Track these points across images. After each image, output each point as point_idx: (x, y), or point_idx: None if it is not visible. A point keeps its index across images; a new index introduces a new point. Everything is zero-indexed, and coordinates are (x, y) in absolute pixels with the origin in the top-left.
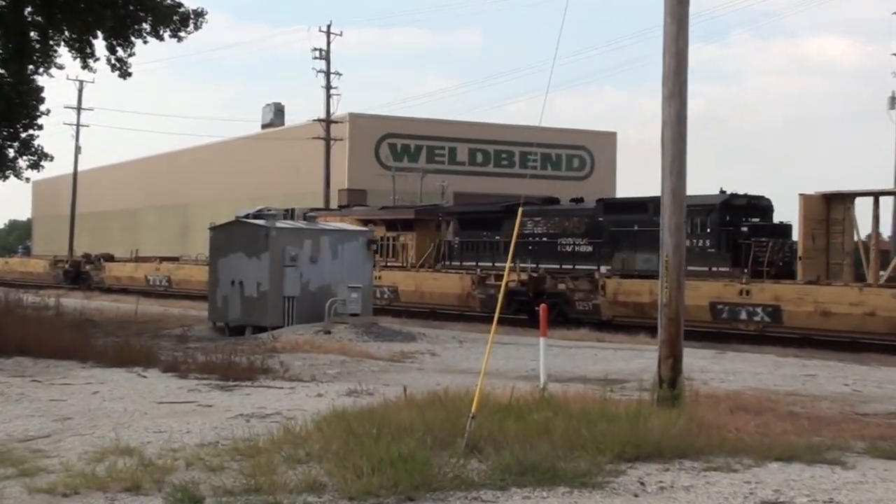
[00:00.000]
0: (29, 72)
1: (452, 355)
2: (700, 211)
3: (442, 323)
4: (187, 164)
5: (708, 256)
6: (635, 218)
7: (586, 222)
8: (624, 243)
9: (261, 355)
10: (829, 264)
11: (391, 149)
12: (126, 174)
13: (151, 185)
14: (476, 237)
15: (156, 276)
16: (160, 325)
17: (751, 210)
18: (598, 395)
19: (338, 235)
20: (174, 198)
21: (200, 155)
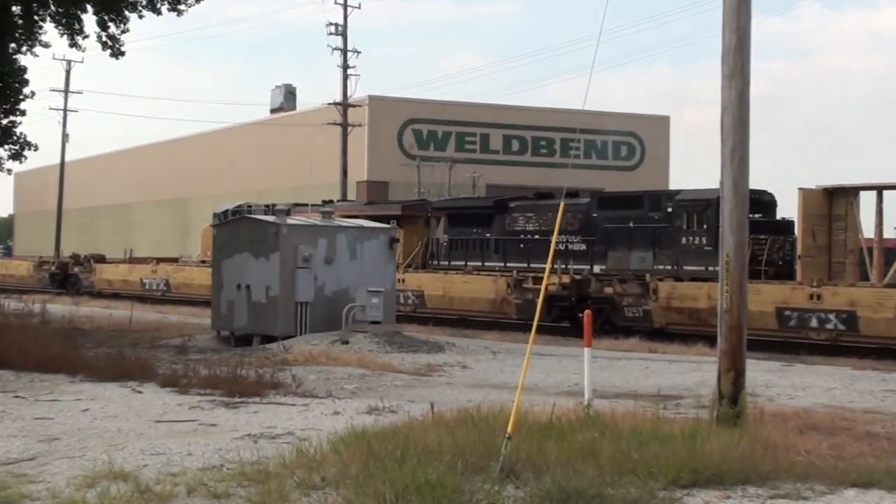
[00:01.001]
0: (10, 50)
1: (485, 368)
2: (696, 206)
3: (473, 331)
4: (188, 154)
5: (705, 255)
6: (630, 214)
7: (580, 218)
8: (618, 241)
9: (270, 368)
10: (831, 263)
11: (416, 136)
12: (119, 165)
13: (148, 177)
14: (466, 235)
15: (152, 280)
16: (157, 335)
17: (751, 205)
18: (649, 413)
19: (356, 233)
20: (173, 192)
21: (202, 143)
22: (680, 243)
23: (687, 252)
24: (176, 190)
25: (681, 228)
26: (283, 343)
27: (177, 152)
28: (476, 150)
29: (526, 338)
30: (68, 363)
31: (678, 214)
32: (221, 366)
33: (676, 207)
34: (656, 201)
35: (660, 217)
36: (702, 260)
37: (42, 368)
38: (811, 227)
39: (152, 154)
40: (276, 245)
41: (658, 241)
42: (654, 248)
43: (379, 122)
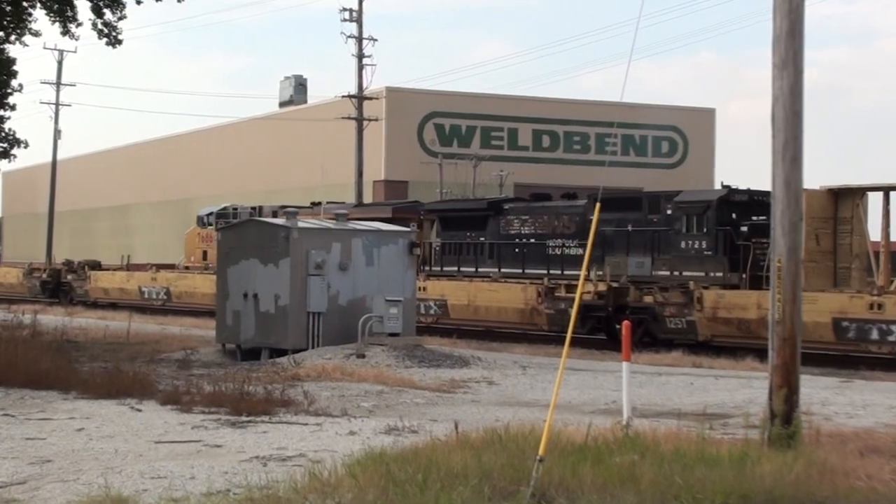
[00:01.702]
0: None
1: (514, 384)
2: (695, 208)
3: (501, 344)
4: (189, 152)
5: (704, 260)
6: (629, 216)
7: (576, 221)
8: (616, 245)
9: (280, 384)
10: (836, 269)
11: (438, 131)
12: (116, 163)
13: (146, 177)
14: (459, 238)
15: (152, 288)
16: (157, 348)
17: (753, 207)
18: (694, 434)
19: (373, 237)
20: (174, 192)
21: (205, 140)
22: (679, 247)
23: (687, 257)
24: (177, 191)
25: (680, 232)
26: (293, 357)
27: (178, 150)
28: (503, 147)
29: (558, 351)
30: (61, 379)
31: (677, 217)
32: (227, 381)
33: (676, 210)
34: (655, 203)
35: (659, 220)
36: (701, 265)
37: (33, 385)
38: (815, 231)
39: (151, 152)
40: (286, 250)
41: (657, 245)
42: (653, 253)
43: (397, 116)
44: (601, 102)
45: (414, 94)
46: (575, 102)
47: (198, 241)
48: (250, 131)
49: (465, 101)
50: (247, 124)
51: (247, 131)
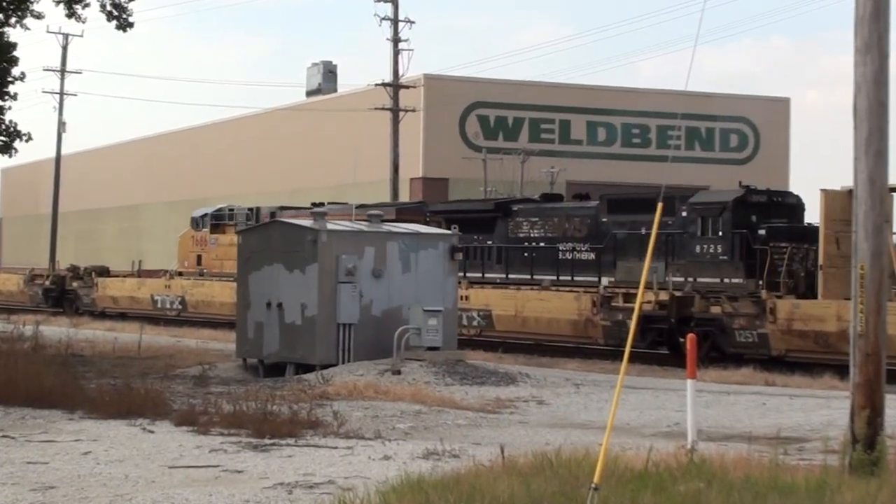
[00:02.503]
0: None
1: (566, 404)
2: (710, 210)
3: (552, 359)
4: (207, 146)
5: (720, 265)
6: (643, 218)
7: (588, 224)
8: (629, 249)
9: (307, 403)
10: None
11: (481, 123)
12: (126, 159)
13: (159, 174)
14: (466, 242)
15: (165, 297)
16: (172, 363)
17: (772, 209)
18: (767, 460)
19: (411, 240)
20: (189, 191)
21: (225, 133)
22: (693, 252)
23: (701, 262)
24: (193, 189)
25: (694, 235)
26: (322, 373)
27: (194, 145)
28: (554, 141)
29: (615, 367)
30: (66, 397)
31: (692, 219)
32: (248, 400)
33: (690, 211)
34: (670, 204)
35: (674, 222)
36: (717, 271)
37: (35, 403)
38: (835, 234)
39: (165, 147)
40: (314, 255)
41: (671, 249)
42: (667, 258)
43: (437, 106)
44: (663, 91)
45: (455, 81)
46: (634, 91)
47: (192, 244)
48: (274, 124)
49: (511, 89)
50: (270, 116)
51: (270, 124)
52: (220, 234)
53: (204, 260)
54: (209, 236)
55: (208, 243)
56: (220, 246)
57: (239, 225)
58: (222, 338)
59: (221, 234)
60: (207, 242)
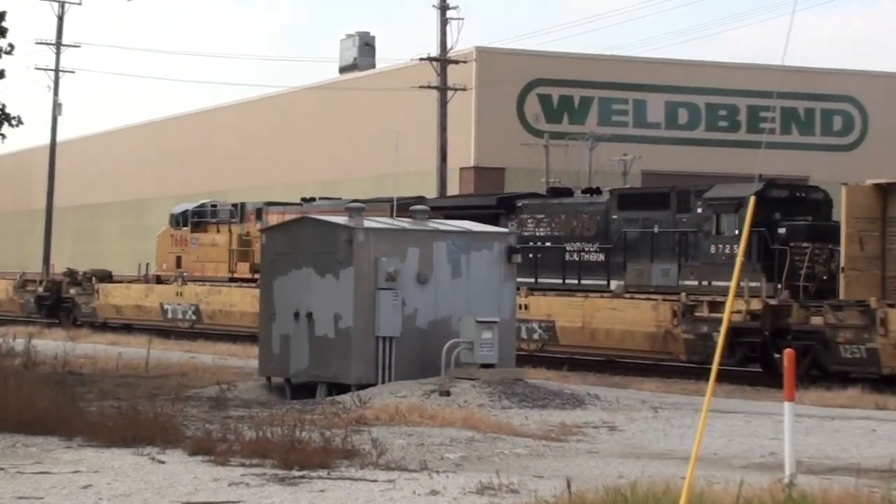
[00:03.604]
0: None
1: (643, 430)
2: (726, 206)
3: (625, 378)
4: (225, 131)
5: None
6: (654, 216)
7: (597, 221)
8: (641, 250)
9: (342, 430)
10: (884, 278)
11: (543, 103)
12: (131, 146)
13: (170, 163)
14: None
15: (177, 305)
16: (185, 382)
17: (795, 205)
18: (878, 496)
19: (461, 239)
20: (204, 183)
21: (245, 116)
22: (708, 252)
23: (717, 264)
24: (208, 180)
25: (709, 234)
26: (358, 394)
27: (210, 129)
28: (628, 124)
29: (699, 388)
30: (63, 421)
31: (707, 216)
32: (273, 425)
33: (706, 208)
34: (685, 200)
35: (688, 220)
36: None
37: (27, 429)
38: (858, 233)
39: (176, 132)
40: (349, 257)
41: (685, 249)
42: (680, 259)
43: (491, 84)
44: (754, 66)
45: (512, 55)
46: (720, 66)
47: (171, 244)
48: (302, 105)
49: (577, 64)
50: (297, 96)
51: (297, 105)
52: (201, 233)
53: (184, 262)
54: (190, 235)
55: (189, 243)
56: (202, 246)
57: (222, 223)
58: (243, 353)
59: (203, 232)
60: (188, 242)
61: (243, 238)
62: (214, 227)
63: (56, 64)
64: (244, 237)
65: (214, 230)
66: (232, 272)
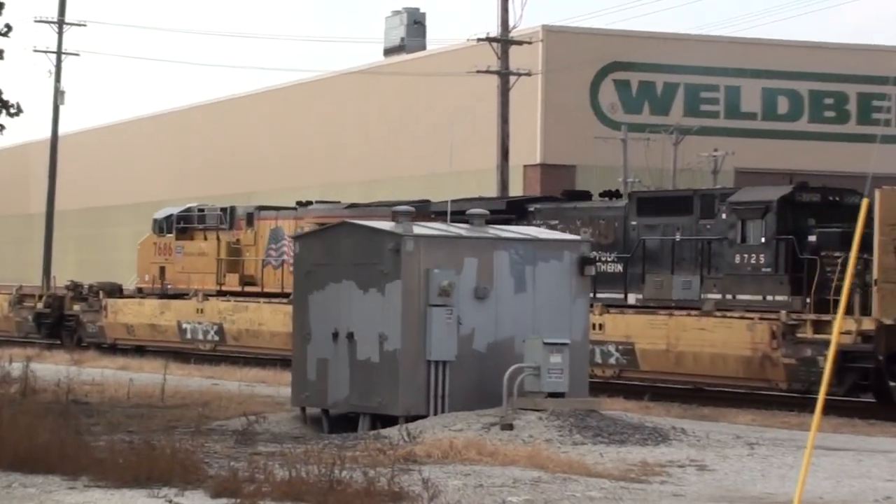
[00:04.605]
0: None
1: (737, 469)
2: (751, 211)
3: (715, 409)
4: (251, 123)
5: (762, 279)
6: (676, 222)
7: (615, 227)
8: (661, 260)
9: (388, 468)
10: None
11: (620, 90)
12: (143, 140)
13: (188, 159)
14: None
15: (197, 324)
16: (206, 413)
17: (829, 210)
18: None
19: (526, 248)
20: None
21: (274, 105)
22: (732, 262)
23: (741, 275)
24: (232, 180)
25: (734, 242)
26: (407, 427)
27: (234, 120)
28: (719, 114)
29: (802, 420)
30: (66, 458)
31: (732, 223)
32: (309, 463)
33: (730, 213)
34: (709, 204)
35: (712, 227)
36: (759, 287)
37: (25, 466)
38: (893, 242)
39: (196, 123)
40: (397, 268)
41: (707, 259)
42: (702, 270)
43: (560, 68)
44: (866, 46)
45: (585, 35)
46: (826, 47)
47: (153, 253)
48: (342, 92)
49: (660, 45)
50: (336, 82)
51: (336, 93)
52: (187, 241)
53: (168, 273)
54: (175, 243)
55: (173, 252)
56: (188, 255)
57: (209, 229)
58: (273, 380)
59: (189, 240)
60: (172, 251)
61: (232, 246)
62: (201, 235)
63: (58, 45)
64: (233, 245)
65: (201, 237)
66: (220, 284)
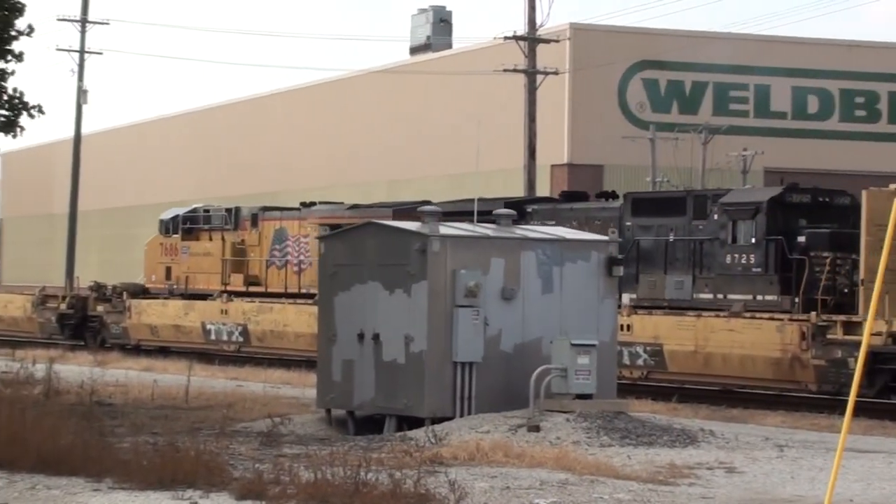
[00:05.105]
0: None
1: (766, 472)
2: (742, 212)
3: (744, 411)
4: (275, 122)
5: (753, 279)
6: (669, 222)
7: (611, 228)
8: (655, 260)
9: (414, 471)
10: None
11: (649, 89)
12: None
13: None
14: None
15: (221, 325)
16: (231, 415)
17: (819, 211)
18: None
19: (553, 249)
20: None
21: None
22: (724, 262)
23: (732, 275)
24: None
25: (725, 242)
26: (433, 429)
27: (258, 119)
28: (748, 114)
29: (832, 422)
30: (90, 459)
31: (722, 223)
32: (334, 465)
33: (721, 214)
34: (701, 205)
35: (704, 227)
36: (750, 286)
37: (49, 468)
38: (880, 242)
39: (220, 122)
40: (423, 269)
41: (699, 259)
42: (694, 271)
43: (588, 67)
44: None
45: (612, 33)
46: (857, 45)
47: (160, 253)
48: (367, 91)
49: (689, 44)
50: (361, 81)
51: (361, 91)
52: (193, 241)
53: (174, 272)
54: (181, 244)
55: (179, 252)
56: (193, 255)
57: (215, 230)
58: (298, 381)
59: (195, 240)
60: (178, 251)
61: (237, 247)
62: (207, 235)
63: (81, 44)
64: (238, 245)
65: (207, 238)
66: (225, 284)
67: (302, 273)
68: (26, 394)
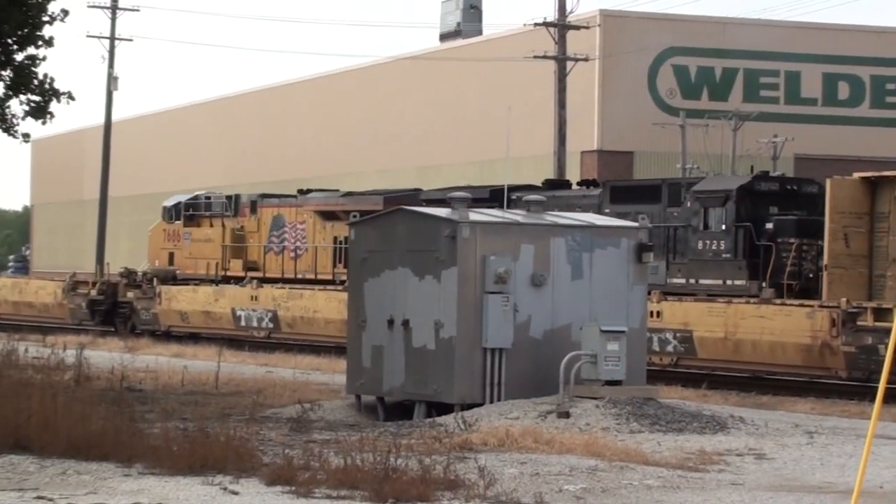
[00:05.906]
0: None
1: (796, 458)
2: (713, 200)
3: (774, 398)
4: (305, 108)
5: (722, 264)
6: (646, 209)
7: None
8: None
9: (443, 456)
10: (871, 277)
11: (679, 76)
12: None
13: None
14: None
15: (251, 311)
16: (260, 401)
17: (787, 199)
18: None
19: (583, 235)
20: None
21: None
22: (696, 248)
23: (703, 261)
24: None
25: (697, 229)
26: (462, 415)
27: (288, 106)
28: (779, 100)
29: (862, 409)
30: (120, 445)
31: (694, 210)
32: (364, 451)
33: (693, 201)
34: (676, 193)
35: (678, 214)
36: (720, 271)
37: (79, 453)
38: (843, 229)
39: (250, 109)
40: (453, 255)
41: (672, 245)
42: (667, 256)
43: (618, 53)
44: None
45: (643, 20)
46: (888, 31)
47: (163, 239)
48: (397, 77)
49: (719, 30)
50: (391, 67)
51: (391, 78)
52: (194, 228)
53: (176, 258)
54: (182, 230)
55: (181, 238)
56: (195, 241)
57: (215, 216)
58: (328, 367)
59: (196, 227)
60: (181, 237)
61: (237, 233)
62: (208, 221)
63: (111, 31)
64: (237, 232)
65: (208, 224)
66: (225, 269)
67: (298, 259)
68: (57, 380)
